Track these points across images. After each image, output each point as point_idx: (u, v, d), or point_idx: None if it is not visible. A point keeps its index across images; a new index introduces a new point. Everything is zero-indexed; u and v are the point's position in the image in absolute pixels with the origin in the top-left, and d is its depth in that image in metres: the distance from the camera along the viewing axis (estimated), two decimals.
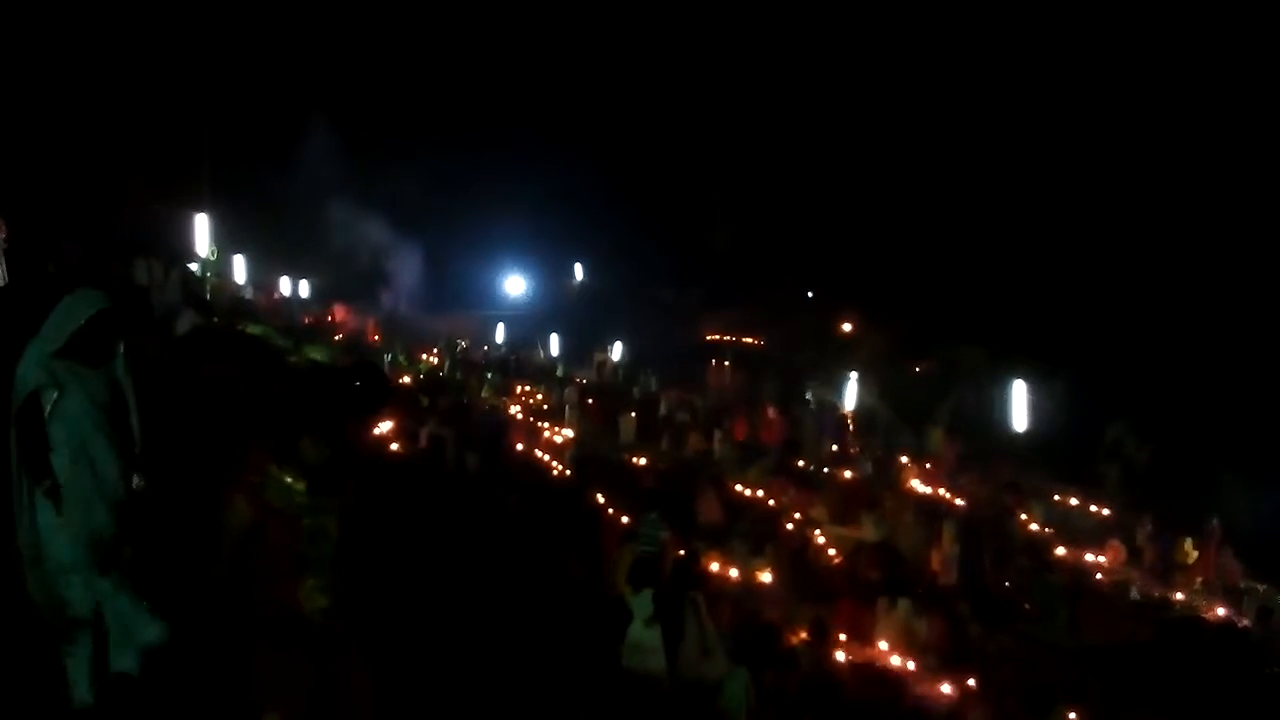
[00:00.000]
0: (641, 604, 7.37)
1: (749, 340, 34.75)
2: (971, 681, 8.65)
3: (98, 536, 4.50)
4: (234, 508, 4.26)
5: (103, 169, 21.82)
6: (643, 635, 7.25)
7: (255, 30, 25.47)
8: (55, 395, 4.46)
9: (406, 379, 19.25)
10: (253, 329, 18.09)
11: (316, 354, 18.45)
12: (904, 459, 18.28)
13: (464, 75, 32.11)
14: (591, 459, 15.00)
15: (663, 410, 21.39)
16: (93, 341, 4.56)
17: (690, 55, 34.50)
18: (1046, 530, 15.47)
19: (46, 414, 4.43)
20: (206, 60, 24.00)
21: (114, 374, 4.70)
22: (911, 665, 9.16)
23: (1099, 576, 14.16)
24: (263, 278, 24.64)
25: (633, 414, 19.32)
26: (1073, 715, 8.05)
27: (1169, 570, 15.00)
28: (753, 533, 12.03)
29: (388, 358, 20.48)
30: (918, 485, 17.00)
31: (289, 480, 4.25)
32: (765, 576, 10.97)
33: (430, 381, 19.83)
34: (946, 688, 8.63)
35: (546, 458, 15.28)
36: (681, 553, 9.80)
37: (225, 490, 4.36)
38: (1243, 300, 24.24)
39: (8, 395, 4.58)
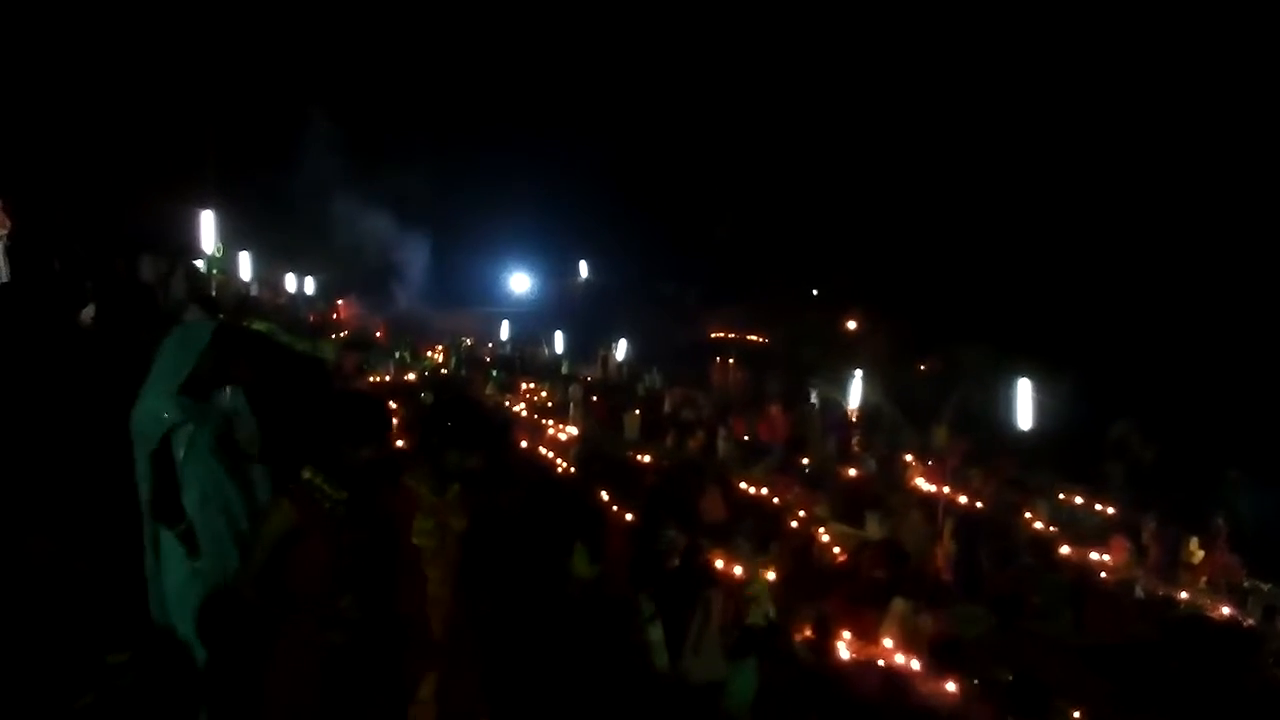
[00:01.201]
0: (643, 603, 7.35)
1: (753, 338, 34.74)
2: (976, 680, 8.63)
3: (230, 582, 4.33)
4: (278, 510, 4.16)
5: (107, 165, 21.86)
6: (651, 634, 7.22)
7: (260, 27, 25.48)
8: (188, 433, 4.28)
9: (411, 376, 19.29)
10: (258, 325, 18.09)
11: (324, 351, 18.47)
12: (909, 457, 18.26)
13: (468, 72, 32.12)
14: (596, 456, 15.00)
15: (667, 408, 21.39)
16: (211, 375, 4.46)
17: (695, 53, 34.48)
18: (1051, 529, 15.44)
19: (180, 455, 4.27)
20: (212, 57, 24.02)
21: (233, 406, 4.59)
22: (915, 664, 9.15)
23: (1104, 575, 14.13)
24: (268, 274, 24.67)
25: (637, 411, 19.32)
26: (1077, 714, 8.04)
27: (1174, 569, 14.97)
28: (757, 531, 12.02)
29: (394, 355, 20.52)
30: (922, 483, 16.97)
31: (326, 488, 4.16)
32: (769, 574, 10.95)
33: (434, 379, 19.85)
34: (951, 686, 8.61)
35: (551, 455, 15.28)
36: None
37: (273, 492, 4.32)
38: (1249, 299, 24.18)
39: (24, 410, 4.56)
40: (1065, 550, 14.55)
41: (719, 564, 10.74)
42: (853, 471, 17.14)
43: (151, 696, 4.55)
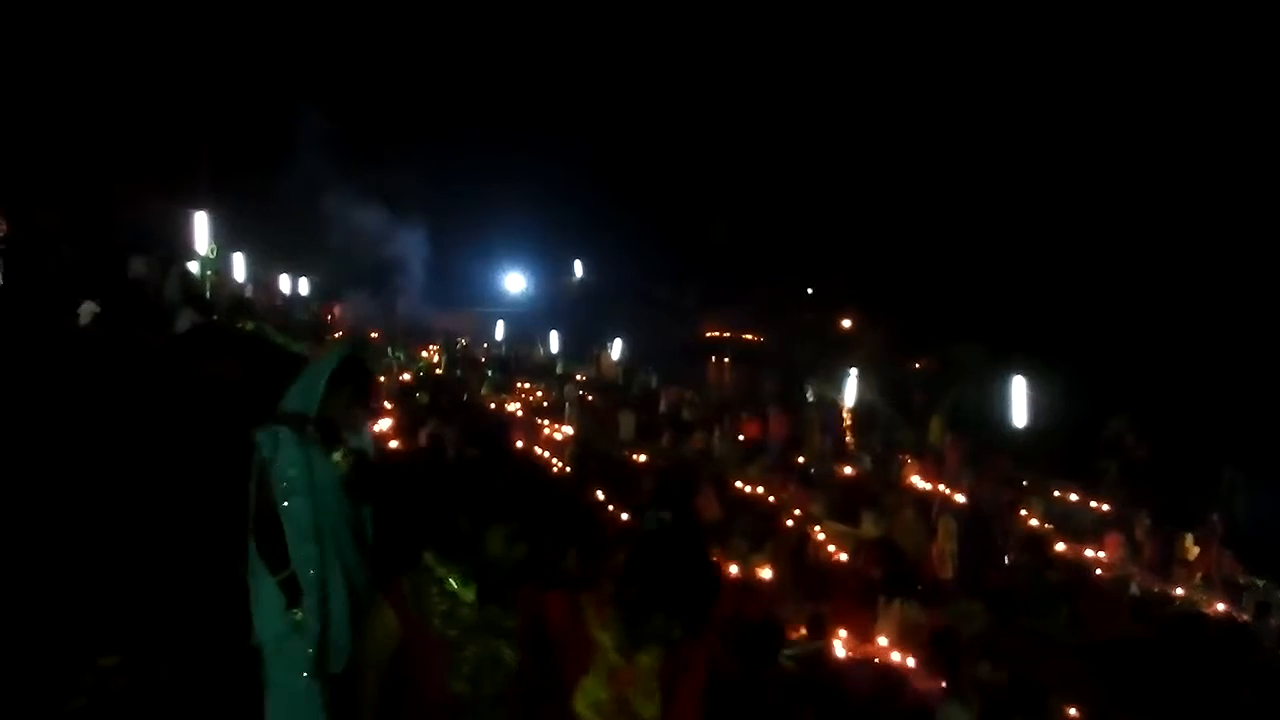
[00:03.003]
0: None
1: (748, 337, 34.76)
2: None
3: (334, 639, 3.73)
4: (379, 620, 3.45)
5: (101, 167, 21.81)
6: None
7: (253, 28, 25.44)
8: (298, 471, 3.72)
9: (407, 376, 19.27)
10: (250, 326, 18.09)
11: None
12: (904, 455, 18.28)
13: (463, 73, 32.10)
14: (591, 456, 15.00)
15: (662, 407, 21.40)
16: (338, 408, 3.88)
17: (689, 53, 34.48)
18: (1046, 526, 15.47)
19: (286, 492, 3.70)
20: (205, 58, 23.98)
21: (358, 446, 3.98)
22: (911, 662, 9.16)
23: (1099, 572, 14.16)
24: (262, 275, 24.63)
25: (632, 411, 19.33)
26: (1073, 711, 8.04)
27: (1169, 566, 15.01)
28: (752, 529, 12.02)
29: (388, 355, 20.50)
30: (918, 481, 16.99)
31: (453, 583, 3.34)
32: (765, 573, 10.96)
33: (430, 379, 19.84)
34: (945, 684, 8.61)
35: (546, 455, 15.28)
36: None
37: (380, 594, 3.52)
38: (1243, 295, 24.22)
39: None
40: (1060, 547, 14.59)
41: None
42: (848, 470, 17.16)
43: (143, 699, 4.53)
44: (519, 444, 15.53)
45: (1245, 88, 26.21)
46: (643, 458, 16.07)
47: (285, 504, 3.68)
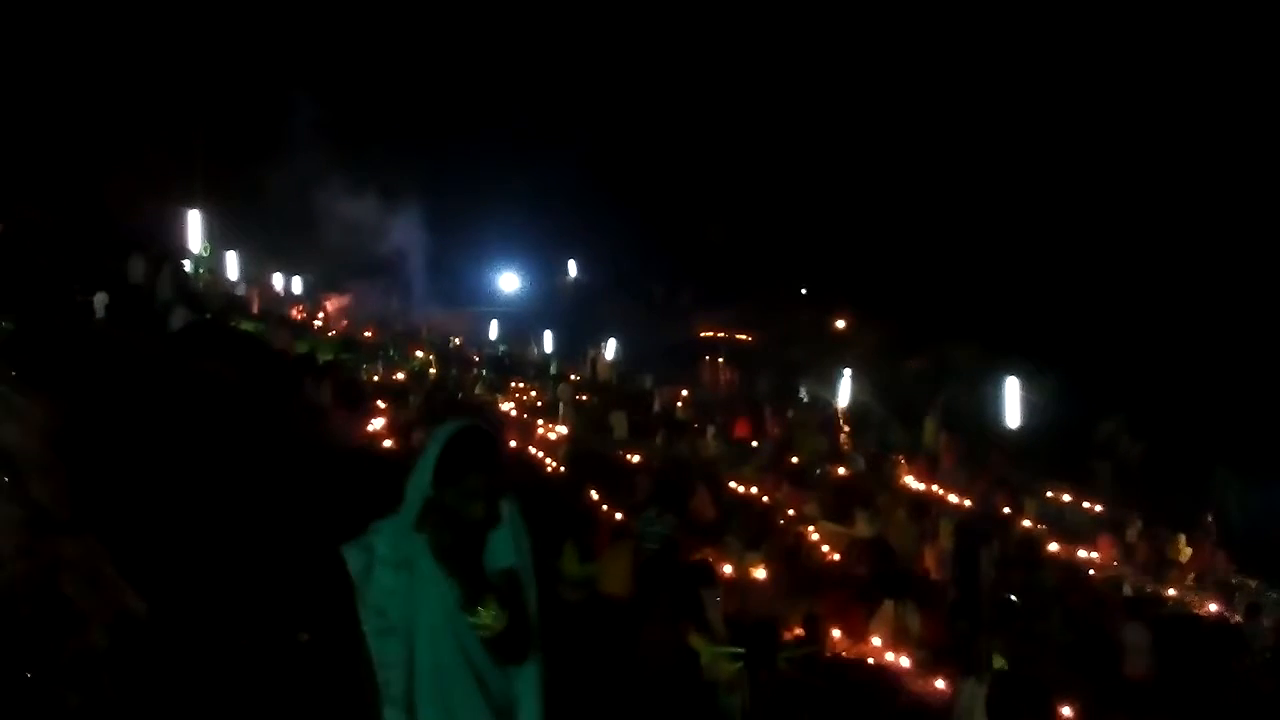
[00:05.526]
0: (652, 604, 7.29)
1: (742, 337, 34.75)
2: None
3: None
4: None
5: (95, 166, 21.74)
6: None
7: (247, 27, 25.39)
8: (398, 608, 2.72)
9: (400, 375, 19.25)
10: (252, 326, 18.12)
11: (305, 347, 18.46)
12: (897, 455, 18.33)
13: (456, 72, 32.06)
14: (585, 456, 15.00)
15: (656, 407, 21.40)
16: (462, 506, 2.73)
17: (683, 53, 34.50)
18: (1039, 526, 15.51)
19: (377, 632, 2.72)
20: (198, 57, 23.92)
21: (505, 565, 2.80)
22: (905, 661, 9.18)
23: (1091, 573, 14.20)
24: (256, 274, 24.59)
25: (626, 411, 19.33)
26: (1066, 710, 8.06)
27: (1161, 566, 15.06)
28: (747, 529, 12.04)
29: (381, 355, 20.49)
30: (911, 482, 17.04)
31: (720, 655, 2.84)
32: (759, 573, 10.98)
33: (423, 379, 19.81)
34: (940, 683, 8.64)
35: (540, 454, 15.27)
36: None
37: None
38: (1235, 298, 24.29)
39: None
40: (1053, 548, 14.63)
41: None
42: (842, 470, 17.18)
43: (137, 696, 4.53)
44: (513, 444, 15.52)
45: (1236, 96, 26.31)
46: (636, 458, 16.08)
47: (376, 647, 2.72)
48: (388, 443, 13.01)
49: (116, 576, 4.65)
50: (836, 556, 12.36)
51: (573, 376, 24.36)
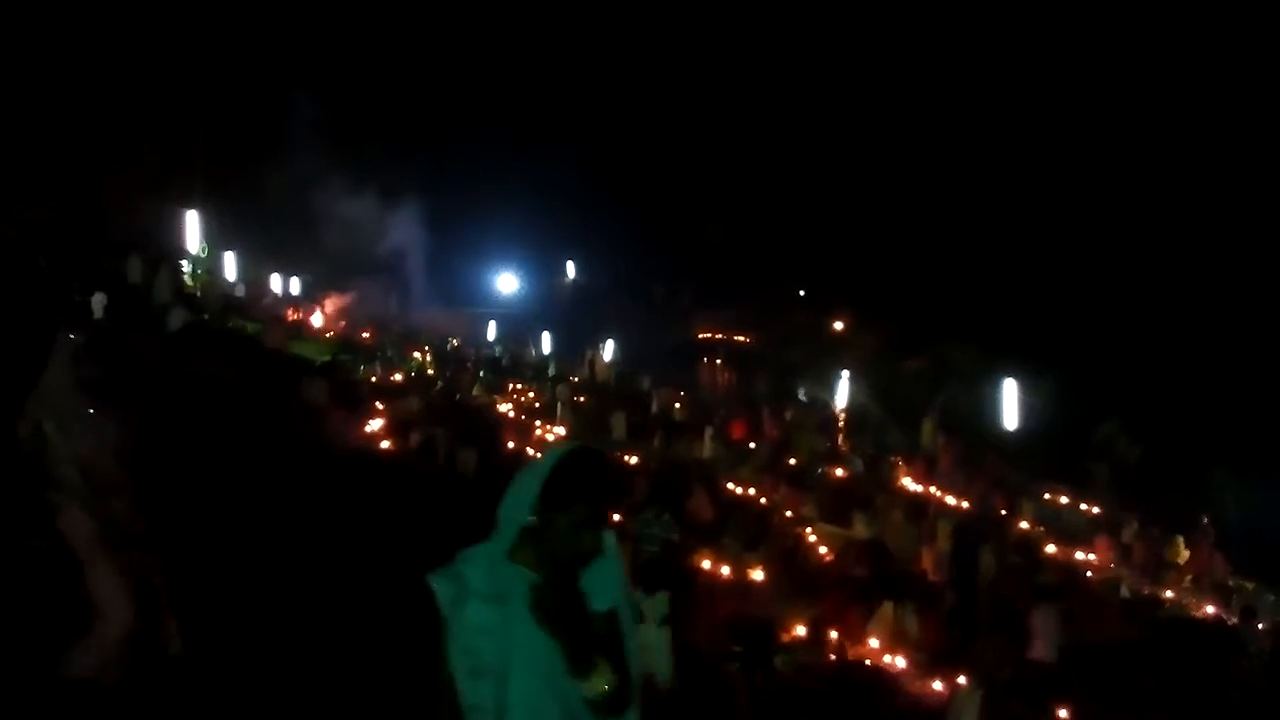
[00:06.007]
0: (656, 606, 7.28)
1: (740, 338, 34.77)
2: (962, 679, 8.66)
3: None
4: None
5: (93, 166, 21.72)
6: (655, 637, 7.17)
7: (246, 26, 25.37)
8: (493, 649, 2.45)
9: (398, 376, 19.23)
10: (251, 328, 18.10)
11: (305, 350, 18.45)
12: (895, 457, 18.34)
13: (455, 73, 32.04)
14: None
15: (654, 408, 21.40)
16: (566, 540, 2.50)
17: (682, 54, 34.49)
18: (1038, 528, 15.53)
19: (468, 671, 2.45)
20: (197, 56, 23.89)
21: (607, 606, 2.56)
22: (902, 663, 9.19)
23: (1089, 574, 14.22)
24: (254, 274, 24.56)
25: (624, 412, 19.32)
26: (1063, 713, 8.07)
27: (1159, 568, 15.08)
28: (745, 531, 12.04)
29: (379, 356, 20.47)
30: (909, 483, 17.05)
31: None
32: (757, 574, 10.98)
33: (421, 380, 19.80)
34: (938, 685, 8.65)
35: (538, 456, 15.24)
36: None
37: None
38: (1233, 300, 24.32)
39: None
40: (1051, 549, 14.64)
41: (705, 564, 10.79)
42: (840, 471, 17.18)
43: (136, 693, 4.53)
44: (511, 445, 15.52)
45: (1231, 97, 26.35)
46: (634, 459, 16.08)
47: (465, 688, 2.45)
48: (386, 444, 13.02)
49: (168, 606, 4.65)
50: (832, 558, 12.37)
51: (571, 378, 24.36)
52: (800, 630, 9.17)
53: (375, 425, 13.53)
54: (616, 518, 11.31)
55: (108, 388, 4.45)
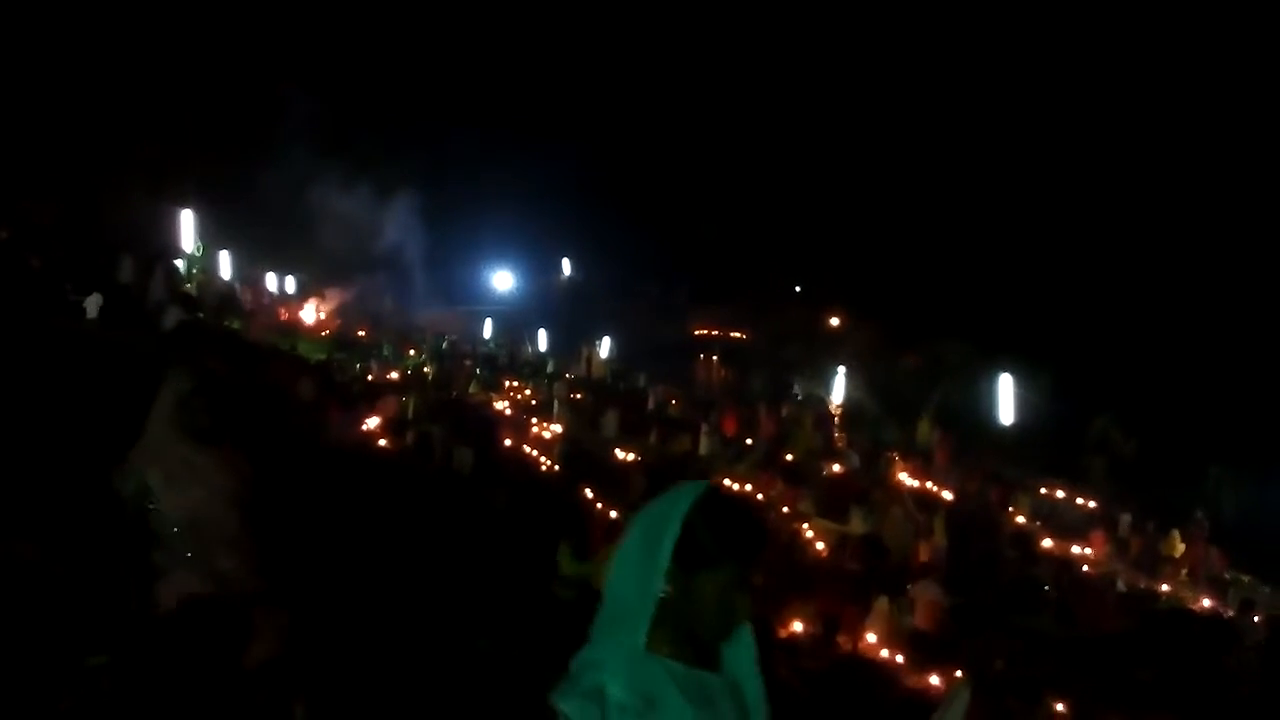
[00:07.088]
0: None
1: (736, 335, 34.81)
2: (959, 674, 8.68)
3: None
4: None
5: (87, 165, 21.69)
6: None
7: (240, 23, 25.34)
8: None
9: (394, 374, 19.23)
10: (237, 323, 18.06)
11: (301, 348, 18.45)
12: (892, 453, 18.36)
13: (451, 70, 32.01)
14: (580, 454, 15.00)
15: (650, 405, 21.41)
16: (713, 610, 2.09)
17: (678, 52, 34.48)
18: (1034, 523, 15.57)
19: None
20: (191, 54, 23.87)
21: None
22: (900, 658, 9.20)
23: (1085, 568, 14.25)
24: (249, 273, 24.54)
25: (620, 409, 19.33)
26: (1060, 706, 8.09)
27: (1155, 562, 15.12)
28: None
29: (375, 353, 20.47)
30: (905, 479, 17.07)
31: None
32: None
33: (417, 377, 19.80)
34: (935, 679, 8.66)
35: (535, 453, 15.27)
36: None
37: None
38: (1228, 294, 24.37)
39: None
40: (1047, 544, 14.67)
41: None
42: (836, 467, 17.20)
43: (130, 700, 4.51)
44: (507, 442, 15.53)
45: (1228, 94, 26.38)
46: (629, 456, 16.09)
47: None
48: (383, 442, 13.02)
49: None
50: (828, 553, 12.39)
51: (568, 375, 24.36)
52: (796, 625, 9.19)
53: (371, 423, 13.53)
54: (614, 515, 11.33)
55: (218, 435, 3.99)
